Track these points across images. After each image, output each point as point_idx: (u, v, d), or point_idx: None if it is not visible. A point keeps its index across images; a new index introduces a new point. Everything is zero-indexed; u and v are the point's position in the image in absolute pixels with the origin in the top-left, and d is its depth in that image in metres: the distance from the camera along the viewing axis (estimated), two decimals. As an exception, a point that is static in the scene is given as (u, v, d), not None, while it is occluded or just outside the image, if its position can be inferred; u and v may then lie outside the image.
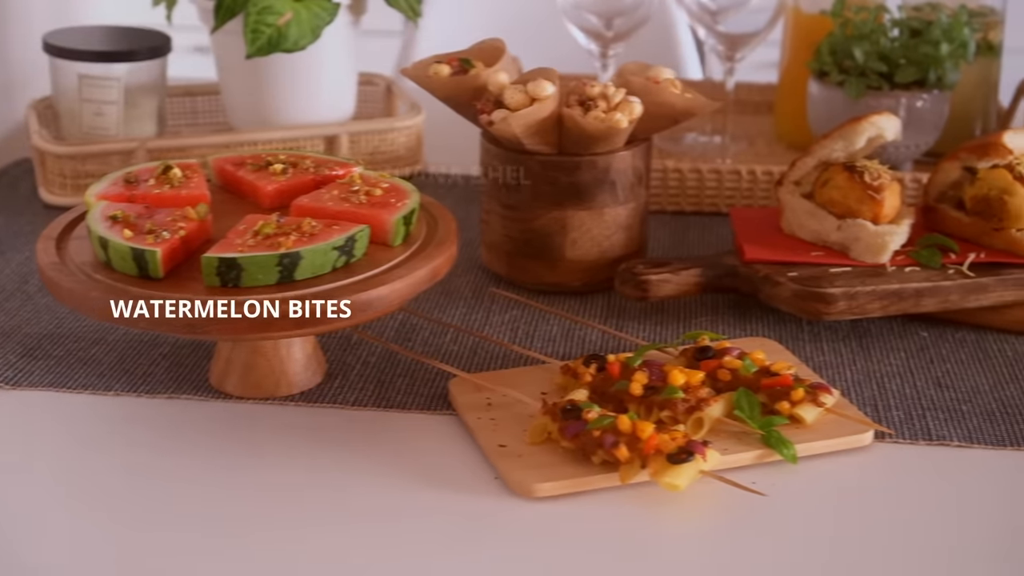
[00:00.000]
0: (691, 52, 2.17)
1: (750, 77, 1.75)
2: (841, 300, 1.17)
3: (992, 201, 1.22)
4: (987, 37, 1.54)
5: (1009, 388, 1.12)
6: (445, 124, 1.52)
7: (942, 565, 0.90)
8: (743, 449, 1.00)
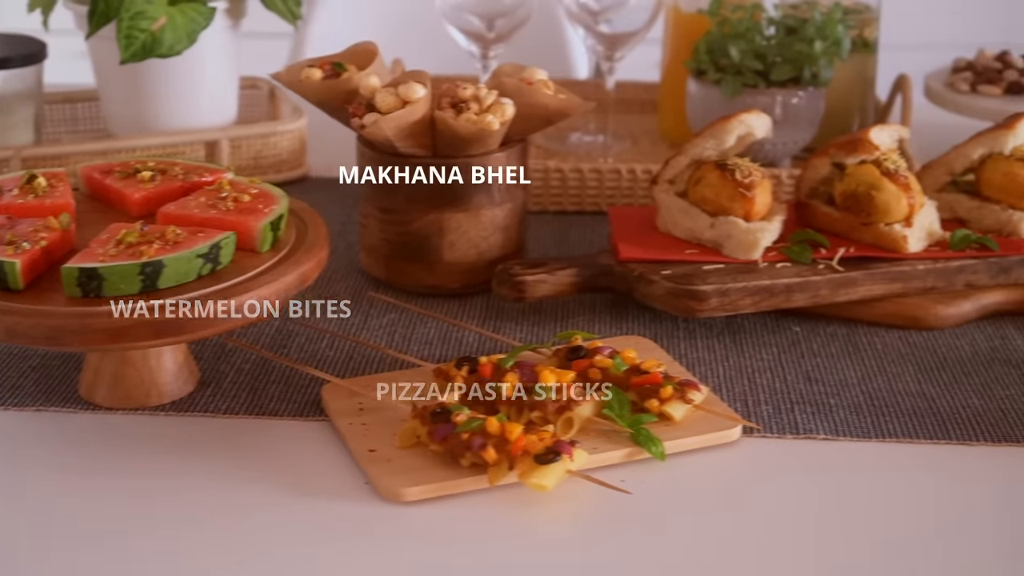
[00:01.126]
0: (581, 51, 2.18)
1: (648, 76, 1.76)
2: (713, 297, 1.18)
3: (860, 196, 1.24)
4: (862, 34, 1.57)
5: (877, 380, 1.14)
6: (329, 127, 1.51)
7: (808, 557, 0.92)
8: (612, 447, 1.01)
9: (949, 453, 1.04)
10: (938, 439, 1.05)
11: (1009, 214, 1.26)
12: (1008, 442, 1.05)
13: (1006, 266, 1.24)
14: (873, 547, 0.93)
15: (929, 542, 0.93)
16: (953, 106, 1.56)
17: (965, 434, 1.06)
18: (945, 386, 1.13)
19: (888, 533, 0.94)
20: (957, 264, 1.23)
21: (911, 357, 1.17)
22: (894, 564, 0.91)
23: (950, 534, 0.94)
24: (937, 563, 0.91)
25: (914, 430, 1.06)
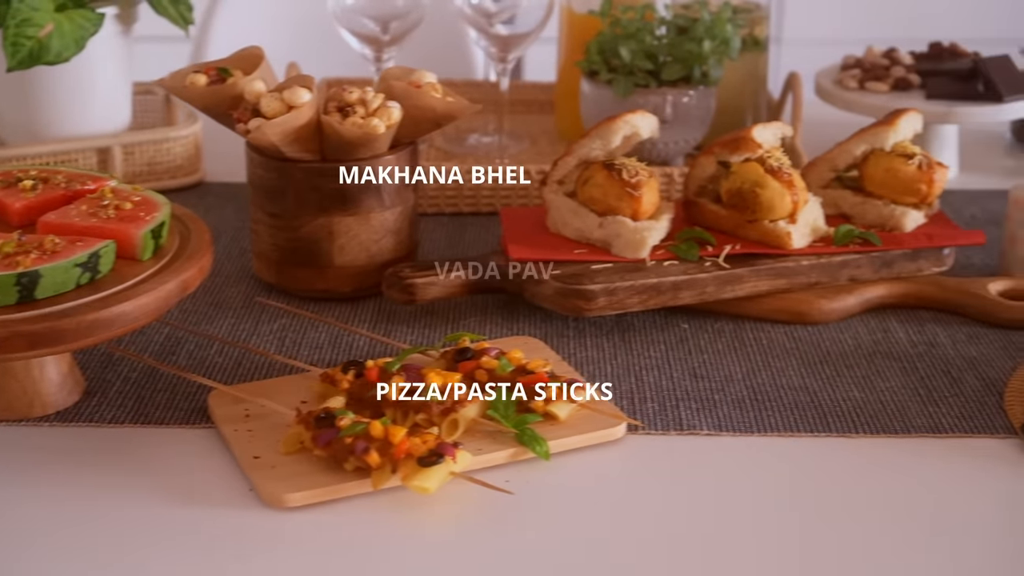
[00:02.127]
0: (481, 52, 2.19)
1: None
2: (601, 296, 1.19)
3: (745, 194, 1.25)
4: (753, 33, 1.59)
5: (761, 375, 1.15)
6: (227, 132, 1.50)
7: (692, 551, 0.93)
8: (497, 448, 1.02)
9: (829, 445, 1.06)
10: (818, 432, 1.07)
11: (891, 209, 1.29)
12: (886, 433, 1.07)
13: (888, 260, 1.26)
14: (755, 539, 0.94)
15: (809, 533, 0.95)
16: (842, 103, 1.58)
17: (845, 426, 1.08)
18: (827, 379, 1.15)
19: (769, 525, 0.96)
20: (840, 259, 1.25)
21: (795, 351, 1.19)
22: (775, 556, 0.92)
23: (830, 524, 0.96)
24: (817, 553, 0.93)
25: (795, 423, 1.08)
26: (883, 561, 0.92)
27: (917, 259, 1.27)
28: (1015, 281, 1.28)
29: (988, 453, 1.04)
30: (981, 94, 1.53)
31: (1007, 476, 1.02)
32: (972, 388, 1.13)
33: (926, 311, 1.27)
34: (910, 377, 1.15)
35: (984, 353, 1.19)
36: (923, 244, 1.27)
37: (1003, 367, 1.16)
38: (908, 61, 1.62)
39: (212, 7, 2.19)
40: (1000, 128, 1.73)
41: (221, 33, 2.16)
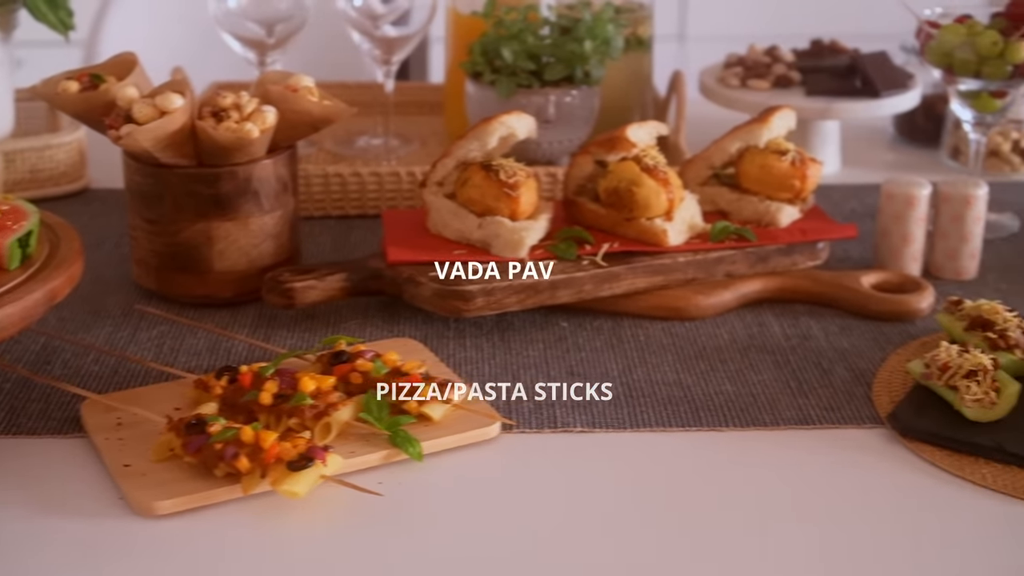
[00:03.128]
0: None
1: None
2: (479, 296, 1.20)
3: (622, 193, 1.27)
4: (636, 32, 1.61)
5: (637, 372, 1.17)
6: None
7: (564, 548, 0.94)
8: (370, 450, 1.02)
9: (700, 439, 1.07)
10: (689, 426, 1.08)
11: (767, 205, 1.31)
12: (756, 426, 1.08)
13: (764, 255, 1.29)
14: (625, 534, 0.95)
15: (679, 526, 0.96)
16: (725, 101, 1.60)
17: (716, 420, 1.09)
18: (701, 374, 1.16)
19: (639, 519, 0.97)
20: (716, 255, 1.27)
21: (671, 347, 1.21)
22: (646, 550, 0.94)
23: (699, 517, 0.97)
24: (687, 545, 0.94)
25: (668, 419, 1.09)
26: (752, 551, 0.93)
27: (792, 254, 1.30)
28: (887, 274, 1.30)
29: (855, 443, 1.07)
30: (859, 90, 1.56)
31: (873, 464, 1.04)
32: (842, 379, 1.15)
33: (801, 305, 1.29)
34: (782, 370, 1.17)
35: (855, 345, 1.21)
36: (797, 239, 1.29)
37: (873, 358, 1.19)
38: (789, 58, 1.65)
39: (103, 11, 2.17)
40: (882, 123, 1.76)
41: (113, 37, 2.14)
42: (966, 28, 1.36)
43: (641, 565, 0.92)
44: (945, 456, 1.03)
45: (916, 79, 1.61)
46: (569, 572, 0.92)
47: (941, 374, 1.07)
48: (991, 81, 1.35)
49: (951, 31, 1.36)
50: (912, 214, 1.31)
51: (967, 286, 1.33)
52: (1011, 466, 1.02)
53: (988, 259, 1.38)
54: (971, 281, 1.34)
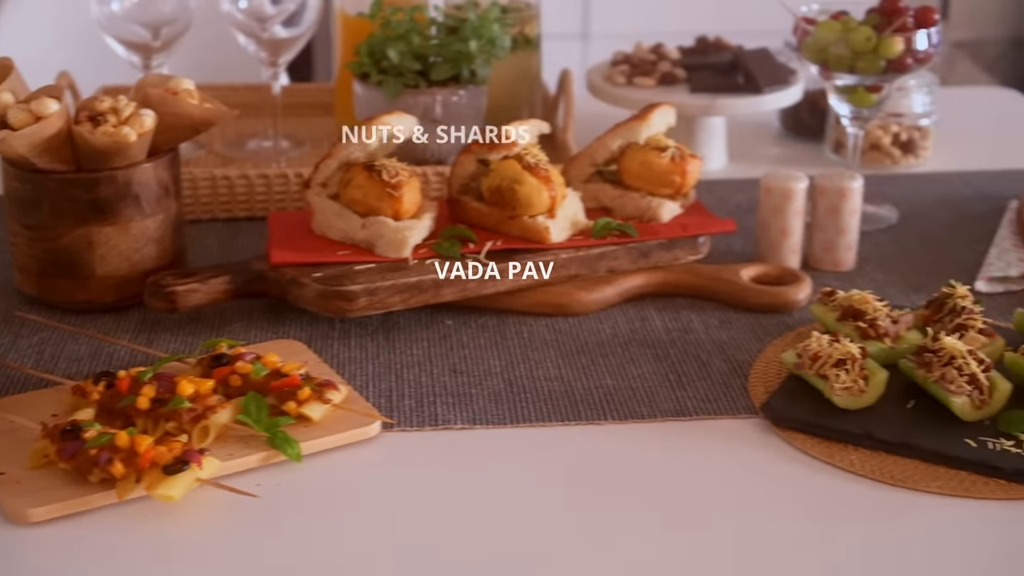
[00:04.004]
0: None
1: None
2: (362, 296, 1.20)
3: (504, 191, 1.28)
4: (524, 31, 1.62)
5: (519, 368, 1.18)
6: None
7: (442, 544, 0.95)
8: (249, 452, 1.02)
9: (579, 433, 1.09)
10: (569, 420, 1.10)
11: (648, 201, 1.33)
12: (634, 419, 1.10)
13: (645, 250, 1.30)
14: (505, 529, 0.96)
15: (562, 519, 0.97)
16: (611, 98, 1.62)
17: (595, 414, 1.11)
18: (582, 369, 1.18)
19: (519, 514, 0.98)
20: (598, 251, 1.29)
21: (554, 343, 1.22)
22: (526, 543, 0.95)
23: (578, 509, 0.98)
24: (567, 537, 0.95)
25: (548, 413, 1.11)
26: (631, 541, 0.95)
27: (673, 248, 1.32)
28: (766, 266, 1.33)
29: (730, 433, 1.09)
30: (742, 86, 1.59)
31: (747, 453, 1.06)
32: (720, 371, 1.17)
33: (683, 298, 1.31)
34: (662, 363, 1.19)
35: (734, 337, 1.23)
36: (678, 234, 1.31)
37: (751, 349, 1.21)
38: (674, 56, 1.67)
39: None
40: (768, 118, 1.78)
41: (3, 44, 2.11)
42: (841, 24, 1.38)
43: (521, 560, 0.93)
44: (816, 443, 1.06)
45: (798, 75, 1.63)
46: (448, 571, 0.92)
47: (812, 363, 1.09)
48: (866, 76, 1.38)
49: (826, 27, 1.38)
50: (790, 207, 1.33)
51: (844, 277, 1.36)
52: (879, 452, 1.04)
53: (866, 250, 1.41)
54: (849, 272, 1.37)
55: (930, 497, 1.00)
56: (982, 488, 1.00)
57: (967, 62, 3.81)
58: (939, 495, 1.00)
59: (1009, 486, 1.00)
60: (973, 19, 3.94)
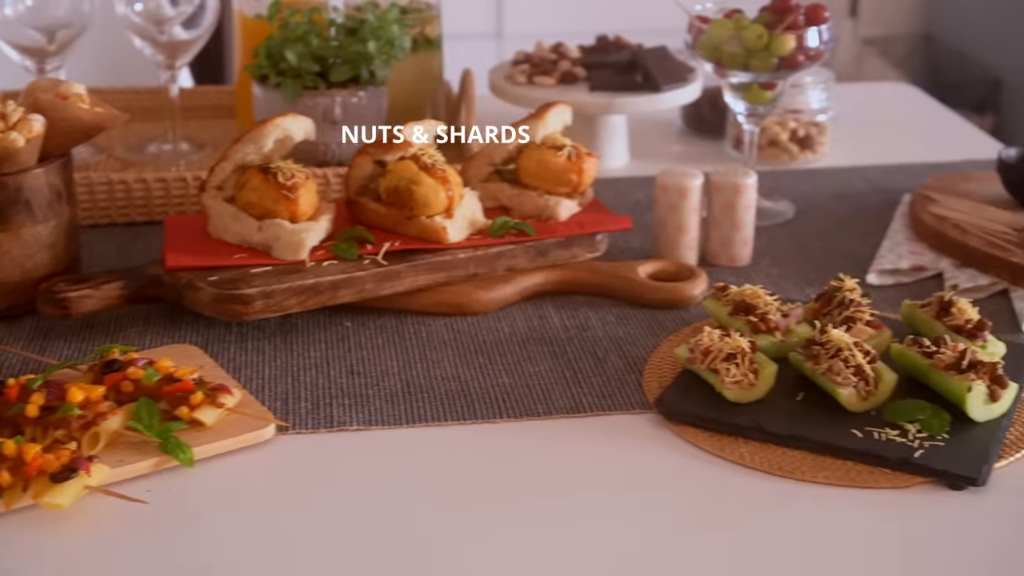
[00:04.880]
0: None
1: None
2: (258, 300, 1.20)
3: (402, 191, 1.28)
4: (425, 32, 1.62)
5: (416, 368, 1.18)
6: None
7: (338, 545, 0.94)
8: (140, 458, 1.01)
9: (475, 431, 1.09)
10: (464, 419, 1.10)
11: (546, 199, 1.34)
12: (529, 416, 1.11)
13: (543, 249, 1.31)
14: (401, 530, 0.96)
15: (456, 518, 0.98)
16: (512, 98, 1.63)
17: (491, 412, 1.11)
18: (480, 368, 1.18)
19: (413, 514, 0.98)
20: (496, 250, 1.29)
21: (452, 343, 1.23)
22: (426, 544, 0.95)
23: (471, 508, 0.99)
24: (465, 536, 0.95)
25: (444, 413, 1.11)
26: (527, 538, 0.95)
27: (571, 246, 1.32)
28: (663, 263, 1.34)
29: (624, 428, 1.09)
30: (640, 84, 1.60)
31: (640, 448, 1.07)
32: (615, 367, 1.18)
33: (581, 296, 1.32)
34: (559, 360, 1.19)
35: (630, 333, 1.24)
36: (575, 232, 1.32)
37: (646, 345, 1.22)
38: (575, 55, 1.68)
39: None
40: (671, 115, 1.80)
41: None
42: (733, 23, 1.40)
43: (417, 560, 0.94)
44: (707, 437, 1.07)
45: (697, 72, 1.65)
46: (343, 573, 0.92)
47: (704, 358, 1.10)
48: (759, 73, 1.40)
49: (719, 26, 1.40)
50: (686, 204, 1.35)
51: (741, 272, 1.37)
52: (768, 444, 1.06)
53: (762, 245, 1.43)
54: (745, 267, 1.39)
55: (817, 487, 1.01)
56: (867, 477, 1.02)
57: (877, 58, 3.86)
58: (825, 485, 1.01)
59: (894, 475, 1.02)
60: (882, 16, 4.00)
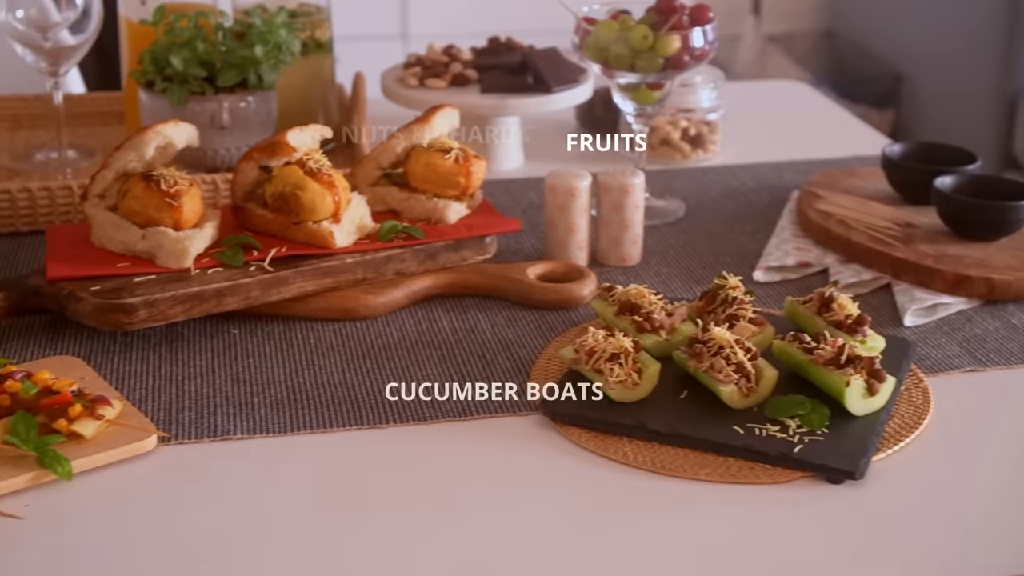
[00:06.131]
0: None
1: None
2: (141, 309, 1.19)
3: (287, 197, 1.27)
4: (315, 35, 1.61)
5: (303, 375, 1.17)
6: None
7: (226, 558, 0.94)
8: (17, 473, 1.00)
9: (361, 437, 1.09)
10: (350, 426, 1.10)
11: (435, 203, 1.33)
12: (416, 421, 1.10)
13: (432, 252, 1.31)
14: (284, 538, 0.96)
15: (343, 525, 0.97)
16: (404, 101, 1.62)
17: (378, 418, 1.11)
18: (367, 373, 1.18)
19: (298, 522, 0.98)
20: (385, 254, 1.29)
21: (340, 348, 1.22)
22: (311, 551, 0.94)
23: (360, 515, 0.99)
24: (351, 544, 0.95)
25: (330, 419, 1.11)
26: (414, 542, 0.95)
27: (460, 249, 1.32)
28: (553, 264, 1.35)
29: (511, 430, 1.10)
30: (531, 86, 1.60)
31: (526, 450, 1.07)
32: (503, 369, 1.18)
33: (472, 298, 1.32)
34: (447, 364, 1.19)
35: (519, 335, 1.25)
36: (464, 234, 1.32)
37: (534, 346, 1.22)
38: (467, 57, 1.68)
39: None
40: (566, 115, 1.81)
41: None
42: (619, 24, 1.41)
43: (303, 568, 0.93)
44: (592, 437, 1.07)
45: (588, 73, 1.66)
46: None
47: (588, 358, 1.11)
48: (646, 74, 1.41)
49: (605, 27, 1.41)
50: (574, 205, 1.35)
51: (630, 271, 1.38)
52: (652, 443, 1.06)
53: (653, 244, 1.44)
54: (635, 267, 1.39)
55: (698, 484, 1.02)
56: (748, 473, 1.03)
57: (780, 55, 3.91)
58: (707, 482, 1.02)
59: (774, 470, 1.03)
60: (785, 13, 4.05)
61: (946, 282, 1.31)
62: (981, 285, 1.30)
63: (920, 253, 1.34)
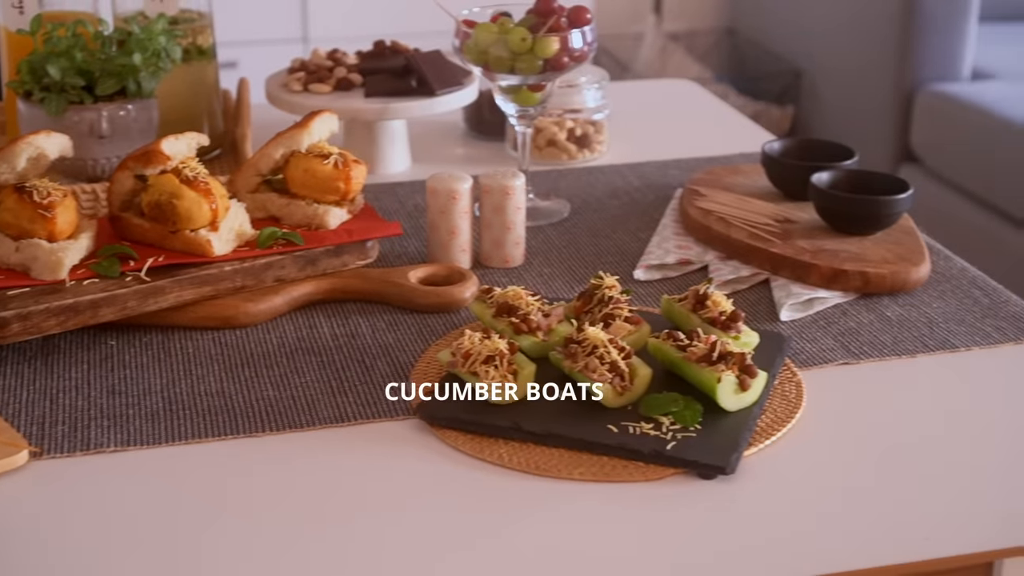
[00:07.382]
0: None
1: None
2: (14, 322, 1.17)
3: (164, 206, 1.26)
4: (197, 42, 1.60)
5: (180, 385, 1.17)
6: None
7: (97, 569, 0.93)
8: None
9: (237, 446, 1.08)
10: (227, 435, 1.09)
11: (315, 208, 1.33)
12: (293, 428, 1.10)
13: (312, 258, 1.31)
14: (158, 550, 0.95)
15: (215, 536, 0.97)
16: (288, 106, 1.61)
17: (254, 426, 1.10)
18: (245, 381, 1.17)
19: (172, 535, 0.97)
20: (264, 261, 1.28)
21: (219, 357, 1.21)
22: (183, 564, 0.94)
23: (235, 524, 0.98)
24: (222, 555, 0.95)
25: (206, 429, 1.10)
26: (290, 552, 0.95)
27: (342, 254, 1.32)
28: (436, 267, 1.35)
29: (388, 435, 1.10)
30: (415, 89, 1.61)
31: (402, 454, 1.07)
32: (382, 374, 1.18)
33: (353, 303, 1.32)
34: (326, 370, 1.19)
35: (400, 339, 1.25)
36: (344, 239, 1.32)
37: (415, 350, 1.23)
38: (351, 61, 1.68)
39: None
40: (454, 118, 1.81)
41: None
42: (498, 26, 1.42)
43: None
44: (468, 440, 1.08)
45: (473, 76, 1.66)
46: (87, 595, 0.91)
47: (464, 361, 1.11)
48: (526, 76, 1.42)
49: (484, 30, 1.41)
50: (456, 208, 1.35)
51: (513, 273, 1.39)
52: (528, 444, 1.07)
53: (536, 244, 1.45)
54: (518, 268, 1.40)
55: (572, 484, 1.03)
56: (621, 472, 1.04)
57: (681, 54, 3.94)
58: (581, 481, 1.03)
59: (647, 468, 1.04)
60: (685, 12, 4.09)
61: (822, 276, 1.33)
62: (856, 279, 1.33)
63: (797, 248, 1.36)
